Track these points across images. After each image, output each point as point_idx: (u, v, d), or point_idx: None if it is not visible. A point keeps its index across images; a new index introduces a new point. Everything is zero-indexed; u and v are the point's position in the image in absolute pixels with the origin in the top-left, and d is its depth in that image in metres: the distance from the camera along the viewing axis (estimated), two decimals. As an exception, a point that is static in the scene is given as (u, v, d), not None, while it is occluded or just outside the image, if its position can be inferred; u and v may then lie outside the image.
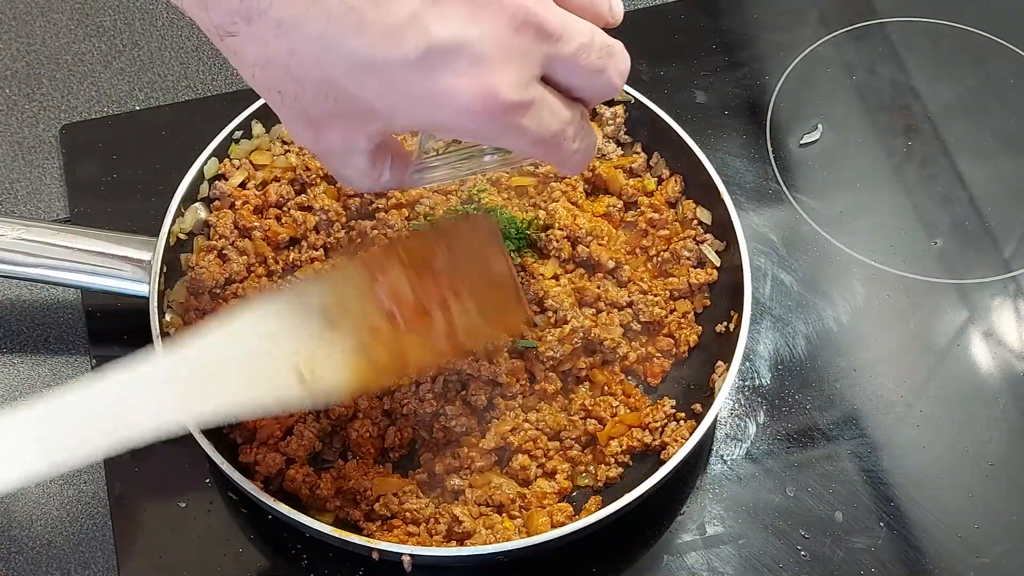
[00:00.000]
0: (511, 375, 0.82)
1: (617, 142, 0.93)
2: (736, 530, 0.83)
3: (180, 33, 1.07)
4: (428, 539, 0.77)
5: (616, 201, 0.91)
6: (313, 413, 0.81)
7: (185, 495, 0.82)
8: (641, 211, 0.90)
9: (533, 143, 0.58)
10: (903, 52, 1.09)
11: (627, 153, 0.93)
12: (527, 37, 0.54)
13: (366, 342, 0.69)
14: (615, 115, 0.92)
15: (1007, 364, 0.92)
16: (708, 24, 1.10)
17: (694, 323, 0.87)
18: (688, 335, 0.86)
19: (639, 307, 0.86)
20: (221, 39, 0.57)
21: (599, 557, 0.81)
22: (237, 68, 0.58)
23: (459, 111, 0.55)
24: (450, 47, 0.53)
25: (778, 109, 1.04)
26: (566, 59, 0.57)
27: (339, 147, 0.60)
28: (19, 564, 0.81)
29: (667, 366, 0.86)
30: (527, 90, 0.55)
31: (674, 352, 0.86)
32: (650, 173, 0.92)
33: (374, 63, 0.53)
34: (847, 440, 0.87)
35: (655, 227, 0.89)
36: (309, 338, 0.67)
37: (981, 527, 0.84)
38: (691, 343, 0.86)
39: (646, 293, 0.87)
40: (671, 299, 0.87)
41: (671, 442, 0.80)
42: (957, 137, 1.04)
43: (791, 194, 0.99)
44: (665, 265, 0.88)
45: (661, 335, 0.86)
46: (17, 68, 1.05)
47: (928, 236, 0.98)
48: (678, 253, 0.88)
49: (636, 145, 0.93)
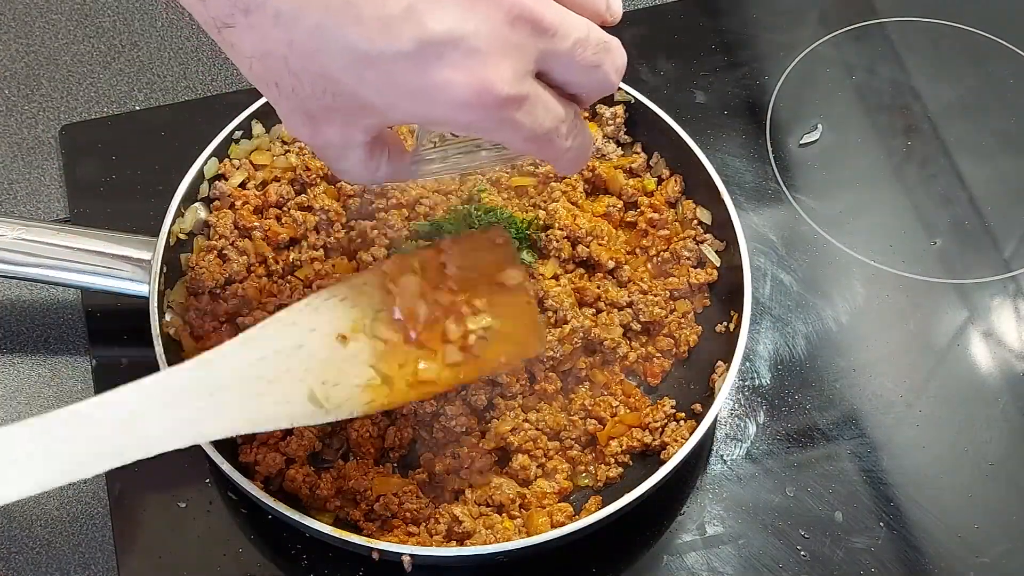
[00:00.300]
0: (511, 375, 0.82)
1: (617, 142, 0.93)
2: (736, 530, 0.83)
3: (180, 33, 1.07)
4: (428, 539, 0.77)
5: (616, 201, 0.91)
6: None
7: (185, 495, 0.82)
8: (641, 211, 0.90)
9: (526, 139, 0.58)
10: (903, 52, 1.09)
11: (627, 153, 0.93)
12: (523, 31, 0.54)
13: (380, 361, 0.68)
14: (615, 115, 0.93)
15: (1007, 364, 0.92)
16: (708, 24, 1.10)
17: (694, 323, 0.87)
18: (688, 335, 0.86)
19: (639, 307, 0.86)
20: (219, 31, 0.57)
21: (599, 557, 0.81)
22: (234, 61, 0.58)
23: (454, 104, 0.55)
24: (445, 40, 0.53)
25: (778, 109, 1.04)
26: (562, 55, 0.56)
27: (337, 141, 0.60)
28: (19, 564, 0.81)
29: (667, 366, 0.86)
30: (522, 85, 0.55)
31: (674, 352, 0.86)
32: (650, 173, 0.92)
33: (371, 56, 0.53)
34: (847, 440, 0.87)
35: (655, 227, 0.89)
36: (322, 360, 0.67)
37: (981, 527, 0.84)
38: (691, 343, 0.86)
39: (646, 293, 0.87)
40: (671, 299, 0.87)
41: (671, 442, 0.80)
42: (957, 137, 1.04)
43: (791, 194, 0.99)
44: (665, 265, 0.88)
45: (661, 335, 0.86)
46: (17, 68, 1.05)
47: (928, 236, 0.98)
48: (678, 253, 0.88)
49: (636, 145, 0.93)
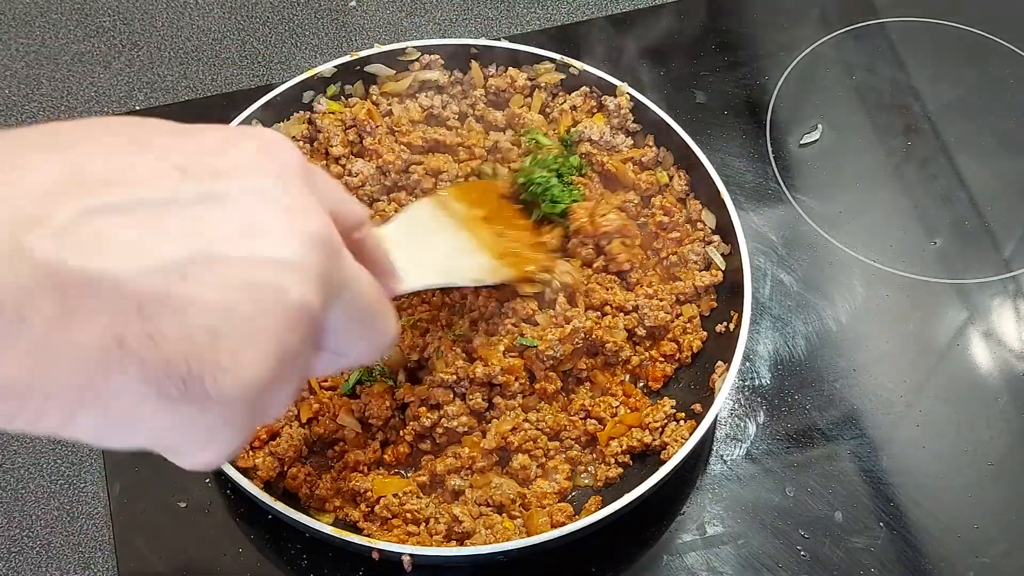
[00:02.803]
0: (508, 373, 0.82)
1: (626, 132, 0.93)
2: (736, 530, 0.83)
3: (180, 33, 1.08)
4: (428, 539, 0.77)
5: (633, 196, 0.91)
6: (296, 418, 0.81)
7: (185, 495, 0.82)
8: (652, 212, 0.90)
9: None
10: (903, 52, 1.09)
11: (638, 144, 0.93)
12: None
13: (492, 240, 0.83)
14: (619, 106, 0.92)
15: (1007, 364, 0.92)
16: (708, 24, 1.10)
17: (699, 328, 0.87)
18: (692, 340, 0.86)
19: (644, 312, 0.86)
20: None
21: (599, 557, 0.81)
22: None
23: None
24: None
25: (778, 109, 1.04)
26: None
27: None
28: (19, 564, 0.81)
29: (669, 371, 0.86)
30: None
31: (677, 357, 0.86)
32: (661, 166, 0.92)
33: None
34: (847, 440, 0.87)
35: (665, 230, 0.90)
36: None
37: (981, 527, 0.84)
38: (695, 348, 0.86)
39: (651, 297, 0.87)
40: (677, 303, 0.87)
41: (671, 442, 0.80)
42: (957, 137, 1.04)
43: (791, 194, 0.99)
44: (673, 268, 0.88)
45: (666, 339, 0.86)
46: (17, 68, 1.05)
47: (928, 236, 0.98)
48: (686, 257, 0.88)
49: (649, 137, 0.93)
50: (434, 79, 0.95)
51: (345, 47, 1.09)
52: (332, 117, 0.93)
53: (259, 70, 1.06)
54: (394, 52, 0.94)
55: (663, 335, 0.86)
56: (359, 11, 1.12)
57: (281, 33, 1.10)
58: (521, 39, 0.99)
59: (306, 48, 1.09)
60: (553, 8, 1.12)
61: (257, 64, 1.07)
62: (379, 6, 1.13)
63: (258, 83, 1.04)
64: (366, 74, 0.94)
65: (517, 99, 0.95)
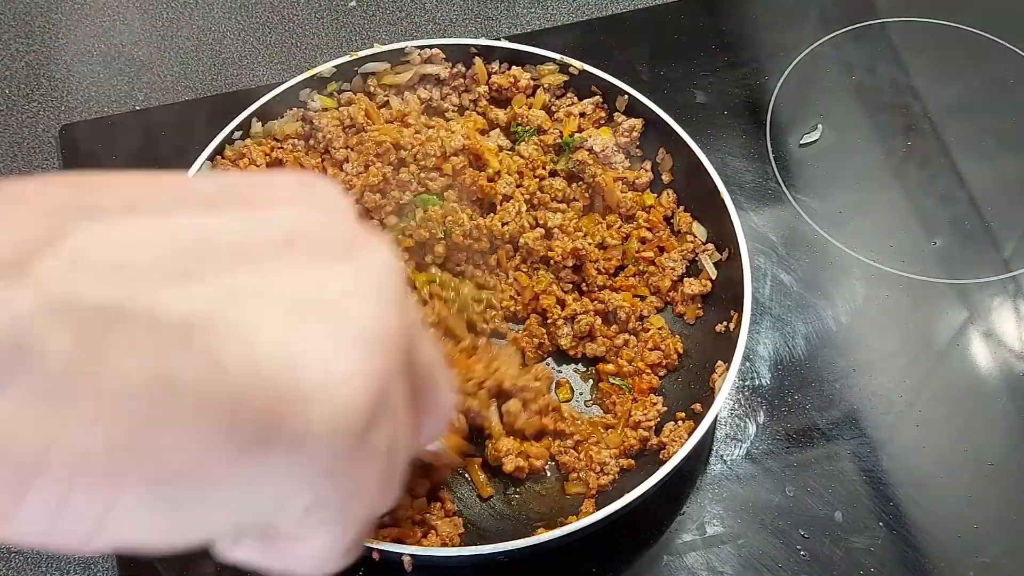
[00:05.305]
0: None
1: (627, 153, 0.93)
2: (736, 530, 0.83)
3: (180, 33, 1.07)
4: (428, 539, 0.77)
5: (614, 219, 0.91)
6: None
7: (185, 495, 0.82)
8: (637, 225, 0.91)
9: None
10: (903, 52, 1.09)
11: (634, 168, 0.93)
12: None
13: None
14: (632, 128, 0.92)
15: (1007, 364, 0.92)
16: (708, 24, 1.10)
17: (670, 335, 0.87)
18: (675, 343, 0.87)
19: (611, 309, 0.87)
20: None
21: (599, 557, 0.81)
22: None
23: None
24: None
25: (778, 109, 1.04)
26: None
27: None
28: (19, 564, 0.81)
29: (655, 383, 0.86)
30: None
31: (664, 364, 0.86)
32: (659, 167, 0.93)
33: None
34: (847, 440, 0.87)
35: (644, 244, 0.90)
36: None
37: (981, 527, 0.84)
38: (679, 350, 0.87)
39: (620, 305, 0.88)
40: (654, 312, 0.89)
41: (670, 442, 0.80)
42: (957, 137, 1.04)
43: (791, 194, 0.99)
44: (651, 278, 0.89)
45: (647, 350, 0.86)
46: (17, 68, 1.05)
47: (928, 236, 0.98)
48: (663, 264, 0.88)
49: (646, 163, 0.93)
50: (435, 73, 0.94)
51: (345, 47, 1.09)
52: (331, 117, 0.91)
53: (259, 70, 1.06)
54: (394, 52, 0.94)
55: (634, 330, 0.87)
56: (359, 11, 1.12)
57: (281, 33, 1.10)
58: (521, 39, 0.99)
59: (306, 48, 1.09)
60: (553, 8, 1.12)
61: (257, 64, 1.07)
62: (379, 6, 1.13)
63: (258, 83, 1.04)
64: (366, 74, 0.94)
65: (519, 98, 0.95)
